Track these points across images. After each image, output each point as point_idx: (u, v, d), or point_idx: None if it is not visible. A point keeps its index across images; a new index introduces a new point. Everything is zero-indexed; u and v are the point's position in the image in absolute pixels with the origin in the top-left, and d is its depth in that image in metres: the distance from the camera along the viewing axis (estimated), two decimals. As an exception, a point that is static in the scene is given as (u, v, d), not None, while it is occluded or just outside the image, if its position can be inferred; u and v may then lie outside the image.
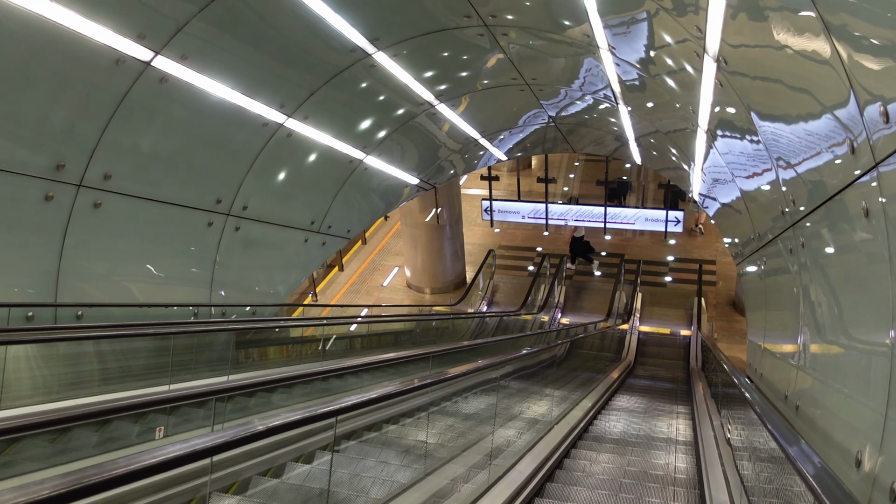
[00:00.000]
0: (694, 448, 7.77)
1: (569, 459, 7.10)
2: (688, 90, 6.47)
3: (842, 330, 3.67)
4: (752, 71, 4.47)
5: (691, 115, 6.69)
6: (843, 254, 3.76)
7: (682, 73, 6.29)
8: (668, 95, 7.15)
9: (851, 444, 3.18)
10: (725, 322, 17.13)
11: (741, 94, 4.92)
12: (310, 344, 10.86)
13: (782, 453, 2.92)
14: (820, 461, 2.51)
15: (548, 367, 13.66)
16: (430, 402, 8.51)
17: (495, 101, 10.67)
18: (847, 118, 2.92)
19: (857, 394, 3.24)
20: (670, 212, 16.98)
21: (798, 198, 4.59)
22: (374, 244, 21.83)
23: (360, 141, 9.44)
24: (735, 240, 8.78)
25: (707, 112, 6.06)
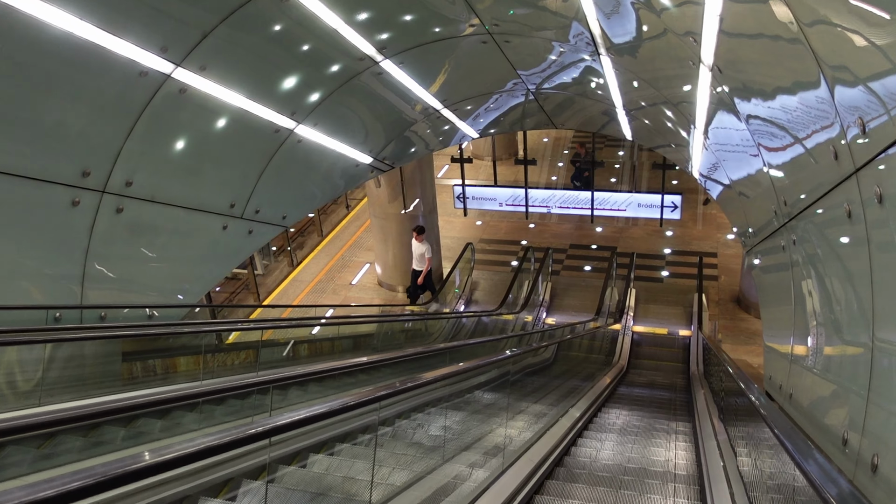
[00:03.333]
0: (699, 485, 6.08)
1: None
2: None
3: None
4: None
5: (692, 48, 4.98)
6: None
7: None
8: (659, 22, 5.44)
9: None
10: (729, 320, 15.42)
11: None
12: (239, 353, 9.15)
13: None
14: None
15: (529, 374, 11.99)
16: (367, 427, 6.87)
17: (456, 60, 8.95)
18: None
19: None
20: (667, 196, 15.19)
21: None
22: (344, 238, 20.09)
23: (285, 104, 7.71)
24: (747, 220, 7.07)
25: (714, 32, 4.35)
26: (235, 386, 5.62)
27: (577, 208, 15.81)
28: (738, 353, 13.81)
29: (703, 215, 19.90)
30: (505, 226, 20.26)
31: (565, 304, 16.63)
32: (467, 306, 16.68)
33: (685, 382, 12.67)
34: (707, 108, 6.04)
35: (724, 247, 18.42)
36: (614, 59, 7.29)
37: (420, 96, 9.42)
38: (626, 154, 22.90)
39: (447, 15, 7.46)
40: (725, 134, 6.14)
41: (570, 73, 9.72)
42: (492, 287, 17.24)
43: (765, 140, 4.67)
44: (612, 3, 6.26)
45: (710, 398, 10.17)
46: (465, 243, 17.50)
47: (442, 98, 9.85)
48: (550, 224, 20.24)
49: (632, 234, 19.39)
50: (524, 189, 15.87)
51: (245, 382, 5.70)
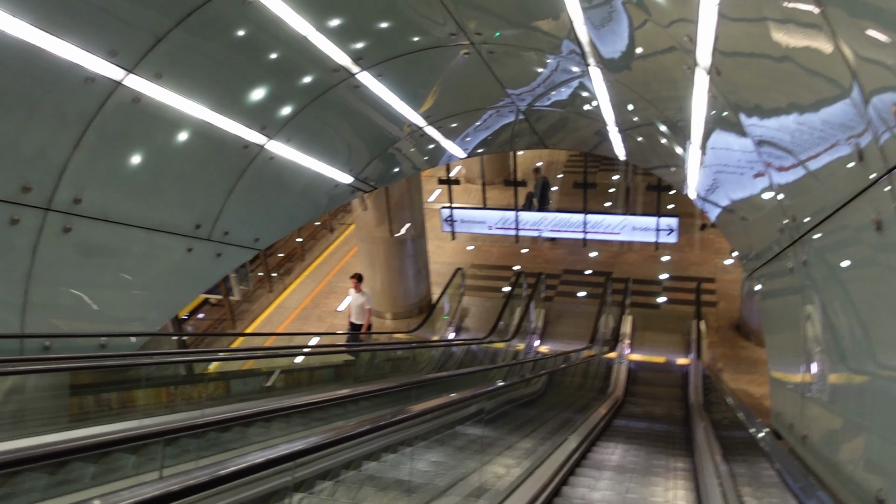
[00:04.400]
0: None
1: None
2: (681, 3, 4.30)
3: None
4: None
5: (686, 48, 4.49)
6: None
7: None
8: (651, 25, 4.95)
9: None
10: (729, 348, 14.84)
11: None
12: (207, 385, 8.56)
13: None
14: None
15: (519, 406, 11.41)
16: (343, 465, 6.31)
17: (439, 73, 8.49)
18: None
19: None
20: (662, 219, 14.67)
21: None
22: (332, 263, 19.54)
23: (254, 118, 7.21)
24: (749, 242, 6.54)
25: (711, 25, 3.85)
26: (177, 428, 5.09)
27: (570, 231, 15.27)
28: (740, 383, 13.22)
29: (700, 240, 19.41)
30: (497, 250, 19.74)
31: (559, 332, 16.04)
32: (457, 334, 16.10)
33: (684, 414, 12.07)
34: (704, 118, 5.55)
35: (723, 272, 17.90)
36: (605, 72, 6.83)
37: (402, 112, 8.94)
38: (620, 177, 22.46)
39: (427, 23, 6.99)
40: (724, 145, 5.64)
41: (561, 91, 9.28)
42: (483, 314, 16.67)
43: (769, 148, 4.16)
44: (602, 12, 5.81)
45: (711, 432, 9.59)
46: (455, 268, 16.95)
47: (425, 115, 9.37)
48: (543, 249, 19.73)
49: (627, 259, 18.87)
50: (514, 211, 15.35)
51: (187, 424, 5.18)
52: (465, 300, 17.15)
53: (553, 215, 15.53)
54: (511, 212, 15.39)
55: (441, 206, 16.41)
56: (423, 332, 15.10)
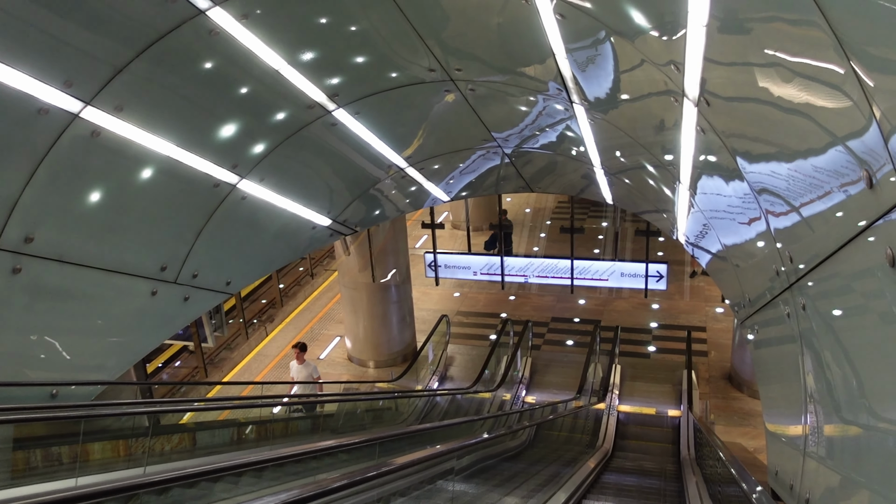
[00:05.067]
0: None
1: None
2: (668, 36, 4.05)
3: None
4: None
5: (674, 78, 4.22)
6: None
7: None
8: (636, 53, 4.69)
9: None
10: (721, 399, 14.42)
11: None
12: (171, 437, 8.08)
13: None
14: None
15: (504, 460, 10.94)
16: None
17: (419, 112, 8.24)
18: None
19: None
20: (652, 265, 14.37)
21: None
22: (315, 310, 19.10)
23: (225, 156, 6.90)
24: (742, 288, 6.21)
25: (699, 55, 3.58)
26: (133, 485, 4.69)
27: (557, 278, 14.95)
28: (732, 436, 12.78)
29: (690, 288, 19.12)
30: (484, 298, 19.38)
31: (546, 381, 15.59)
32: (442, 383, 15.62)
33: (676, 468, 11.60)
34: (692, 156, 5.27)
35: (714, 321, 17.57)
36: (591, 112, 6.58)
37: (381, 152, 8.66)
38: (608, 223, 22.27)
39: (404, 58, 6.75)
40: (715, 185, 5.36)
41: (547, 133, 9.05)
42: (468, 362, 16.23)
43: (764, 186, 3.87)
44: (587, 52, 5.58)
45: (703, 488, 9.16)
46: (440, 315, 16.55)
47: (406, 155, 9.10)
48: (531, 296, 19.39)
49: (616, 307, 18.54)
50: (499, 257, 15.03)
51: (145, 481, 4.80)
52: (451, 348, 16.71)
53: (540, 261, 15.22)
54: (496, 257, 15.07)
55: (424, 252, 16.10)
56: (407, 381, 14.63)
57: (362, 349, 16.21)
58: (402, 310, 16.11)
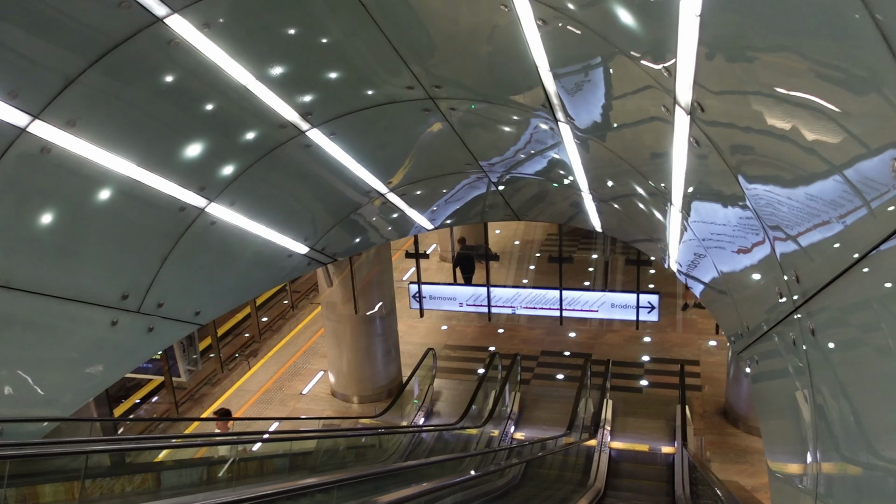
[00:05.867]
0: None
1: None
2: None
3: None
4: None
5: (663, 82, 3.88)
6: None
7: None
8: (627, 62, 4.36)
9: None
10: (716, 435, 13.94)
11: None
12: (133, 477, 7.58)
13: None
14: None
15: (491, 500, 10.44)
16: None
17: (399, 134, 7.90)
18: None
19: None
20: (643, 295, 13.97)
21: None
22: (298, 344, 18.60)
23: (191, 177, 6.51)
24: (740, 317, 5.83)
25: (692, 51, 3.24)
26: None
27: (545, 309, 14.52)
28: (729, 473, 12.30)
29: (683, 320, 18.73)
30: (472, 331, 18.92)
31: (535, 417, 15.09)
32: (428, 419, 15.09)
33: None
34: (686, 171, 4.92)
35: (707, 354, 17.16)
36: (577, 133, 6.25)
37: (360, 176, 8.30)
38: (598, 255, 21.94)
39: (379, 74, 6.42)
40: (710, 202, 5.02)
41: (534, 160, 8.73)
42: (455, 397, 15.72)
43: (765, 197, 3.51)
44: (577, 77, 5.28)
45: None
46: (426, 349, 16.08)
47: (385, 180, 8.74)
48: (520, 329, 18.95)
49: (607, 341, 18.11)
50: (486, 287, 14.61)
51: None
52: (438, 382, 16.21)
53: (528, 291, 14.81)
54: (482, 288, 14.66)
55: (409, 283, 15.68)
56: (392, 417, 14.11)
57: (346, 384, 15.69)
58: (387, 343, 15.64)
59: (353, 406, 15.62)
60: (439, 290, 15.40)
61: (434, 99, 6.72)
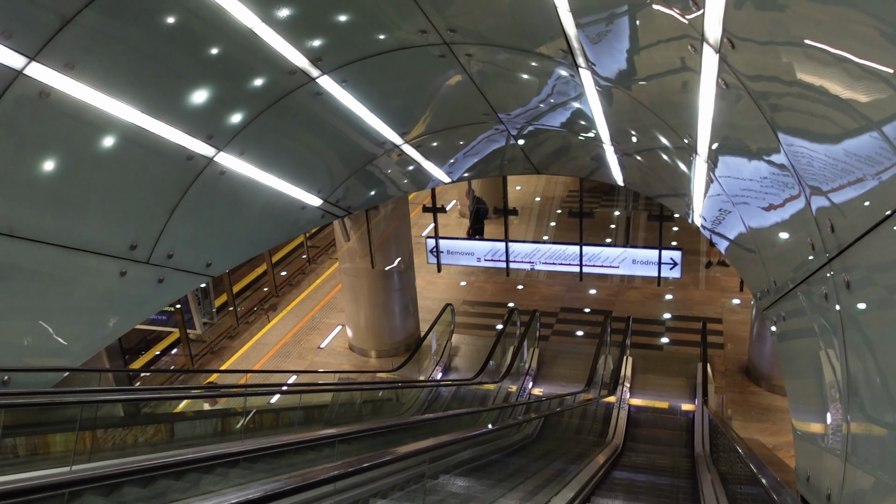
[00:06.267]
0: None
1: None
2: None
3: None
4: None
5: (689, 13, 3.58)
6: None
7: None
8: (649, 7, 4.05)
9: None
10: (738, 394, 13.75)
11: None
12: (146, 428, 7.56)
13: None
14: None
15: (508, 455, 10.36)
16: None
17: (413, 81, 7.62)
18: None
19: None
20: (665, 252, 13.66)
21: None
22: (317, 298, 18.57)
23: (198, 125, 6.32)
24: (767, 273, 5.57)
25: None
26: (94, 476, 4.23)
27: (565, 265, 14.26)
28: (750, 432, 12.13)
29: (706, 278, 18.42)
30: (491, 287, 18.76)
31: (554, 373, 14.97)
32: (446, 374, 15.04)
33: (689, 465, 10.97)
34: (713, 116, 4.62)
35: (730, 312, 16.88)
36: (597, 77, 5.93)
37: (373, 126, 8.06)
38: (621, 212, 21.56)
39: (392, 18, 6.13)
40: (739, 150, 4.72)
41: (554, 112, 8.42)
42: (473, 353, 15.63)
43: (799, 140, 3.24)
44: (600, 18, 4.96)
45: (720, 486, 8.56)
46: (445, 304, 15.95)
47: (400, 131, 8.48)
48: (540, 285, 18.76)
49: (628, 298, 17.87)
50: (504, 242, 14.35)
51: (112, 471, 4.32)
52: (456, 338, 16.12)
53: (547, 247, 14.53)
54: (501, 243, 14.40)
55: (426, 237, 15.47)
56: (409, 372, 14.06)
57: (363, 338, 15.65)
58: (405, 298, 15.53)
59: (371, 360, 15.60)
60: (457, 244, 15.19)
61: (449, 44, 6.42)
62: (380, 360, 15.54)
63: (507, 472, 8.91)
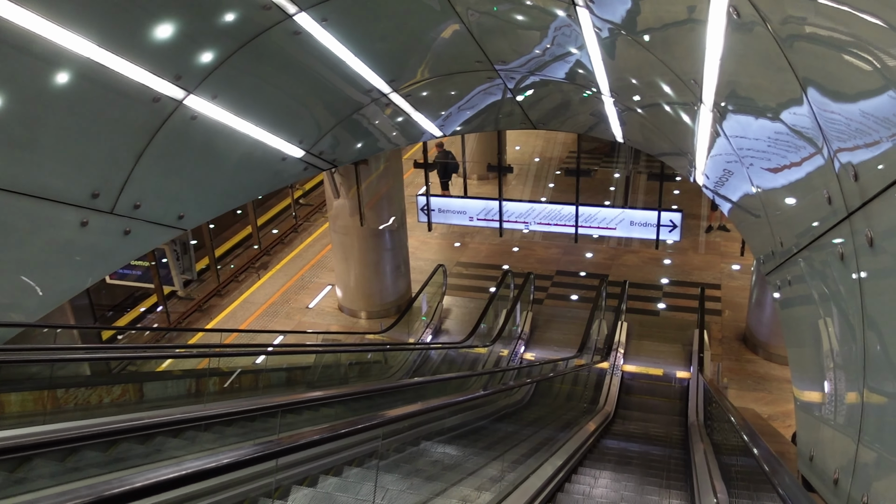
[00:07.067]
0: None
1: None
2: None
3: None
4: None
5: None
6: None
7: None
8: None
9: None
10: (734, 362, 13.43)
11: None
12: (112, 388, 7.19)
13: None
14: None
15: (496, 420, 10.07)
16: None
17: (400, 21, 7.11)
18: None
19: None
20: (664, 213, 13.21)
21: None
22: (307, 258, 18.17)
23: (164, 64, 5.83)
24: (773, 233, 5.14)
25: None
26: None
27: (561, 225, 13.82)
28: (745, 401, 11.84)
29: (705, 243, 18.01)
30: (486, 248, 18.35)
31: (547, 338, 14.64)
32: (436, 336, 14.71)
33: (682, 434, 10.70)
34: (722, 55, 4.16)
35: (729, 278, 16.50)
36: (595, 16, 5.44)
37: (358, 72, 7.57)
38: (620, 174, 21.05)
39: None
40: (749, 95, 4.28)
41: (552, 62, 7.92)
42: (465, 315, 15.28)
43: (818, 80, 2.80)
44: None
45: (713, 458, 8.26)
46: (437, 265, 15.55)
47: (388, 78, 7.98)
48: (536, 247, 18.36)
49: (626, 262, 17.48)
50: (498, 201, 13.88)
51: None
52: (448, 300, 15.76)
53: (542, 206, 14.06)
54: (494, 201, 13.93)
55: (418, 194, 14.98)
56: (398, 334, 13.72)
57: (353, 299, 15.28)
58: (396, 258, 15.13)
59: (361, 321, 15.26)
60: (448, 202, 14.71)
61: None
62: (370, 321, 15.20)
63: (494, 440, 8.62)
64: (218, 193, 7.70)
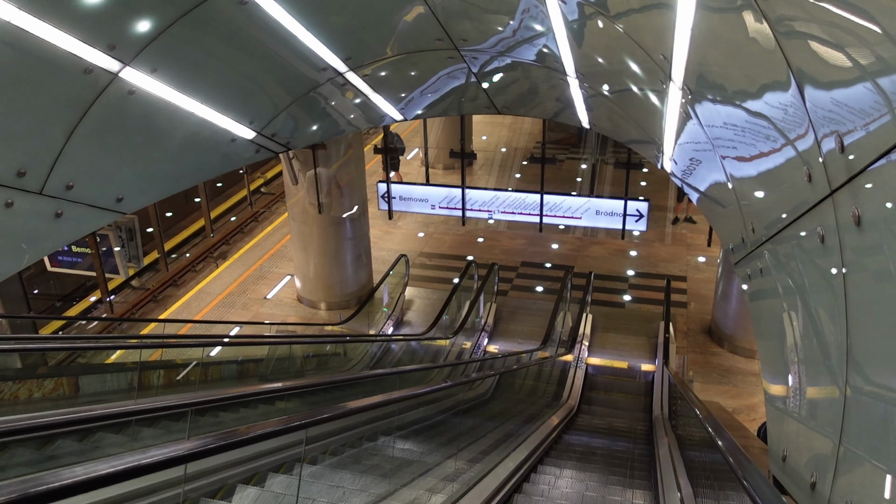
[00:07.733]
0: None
1: None
2: None
3: None
4: None
5: None
6: None
7: None
8: None
9: None
10: (699, 354, 13.29)
11: None
12: (43, 382, 6.74)
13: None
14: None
15: (457, 414, 9.77)
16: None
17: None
18: None
19: None
20: (631, 203, 12.99)
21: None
22: (267, 246, 17.68)
23: (96, 31, 5.37)
24: (744, 219, 4.87)
25: None
26: None
27: (526, 214, 13.53)
28: (710, 394, 11.69)
29: (672, 234, 17.89)
30: (450, 239, 18.03)
31: (511, 330, 14.37)
32: (398, 328, 14.35)
33: (647, 428, 10.50)
34: (692, 22, 3.86)
35: (695, 270, 16.39)
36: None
37: (311, 48, 7.16)
38: (587, 166, 20.86)
39: None
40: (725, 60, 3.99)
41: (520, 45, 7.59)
42: (428, 307, 14.95)
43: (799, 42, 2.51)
44: None
45: (677, 451, 8.07)
46: (399, 255, 15.19)
47: (345, 55, 7.59)
48: (501, 238, 18.09)
49: (592, 253, 17.29)
50: (461, 189, 13.54)
51: None
52: (410, 291, 15.41)
53: (507, 194, 13.77)
54: (457, 189, 13.60)
55: (378, 181, 14.58)
56: (358, 325, 13.36)
57: (312, 289, 14.86)
58: (357, 248, 14.73)
59: (321, 313, 14.85)
60: (409, 189, 14.33)
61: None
62: (329, 312, 14.79)
63: (454, 434, 8.32)
64: (161, 175, 7.24)
